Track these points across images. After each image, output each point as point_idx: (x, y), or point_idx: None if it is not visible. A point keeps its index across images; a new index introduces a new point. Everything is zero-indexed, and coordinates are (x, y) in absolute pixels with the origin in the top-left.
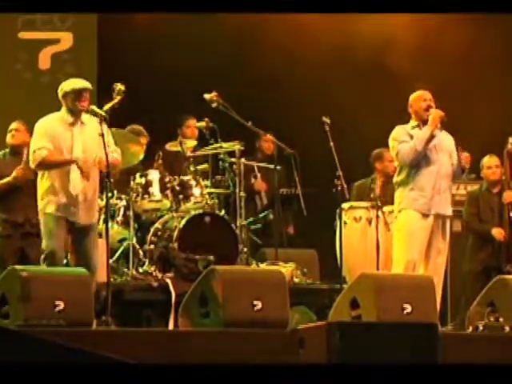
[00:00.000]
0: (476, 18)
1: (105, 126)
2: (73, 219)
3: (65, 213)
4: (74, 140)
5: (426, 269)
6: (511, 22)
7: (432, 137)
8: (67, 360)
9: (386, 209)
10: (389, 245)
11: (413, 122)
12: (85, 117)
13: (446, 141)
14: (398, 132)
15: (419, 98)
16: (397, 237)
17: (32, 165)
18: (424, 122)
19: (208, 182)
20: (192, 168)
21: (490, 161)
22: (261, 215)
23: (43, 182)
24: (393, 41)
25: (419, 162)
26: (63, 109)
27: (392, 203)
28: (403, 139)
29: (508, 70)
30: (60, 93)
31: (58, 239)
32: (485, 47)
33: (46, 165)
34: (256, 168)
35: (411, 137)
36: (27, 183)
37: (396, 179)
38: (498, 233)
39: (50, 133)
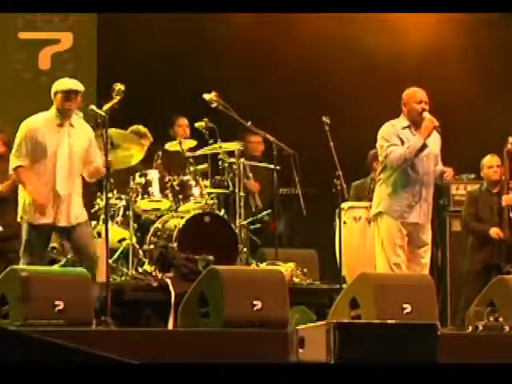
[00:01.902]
0: (477, 19)
1: (92, 134)
2: (58, 223)
3: (49, 218)
4: (60, 142)
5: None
6: (507, 22)
7: (424, 146)
8: (67, 360)
9: None
10: None
11: (404, 121)
12: (75, 119)
13: (433, 146)
14: (388, 131)
15: (413, 97)
16: (377, 242)
17: (10, 168)
18: (415, 124)
19: (207, 182)
20: (192, 168)
21: (491, 160)
22: (260, 215)
23: (27, 192)
24: (394, 41)
25: (405, 167)
26: (53, 108)
27: None
28: (394, 142)
29: (509, 69)
30: (52, 91)
31: (36, 252)
32: (485, 47)
33: (17, 177)
34: (248, 168)
35: (401, 139)
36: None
37: (379, 176)
38: (495, 233)
39: (34, 135)
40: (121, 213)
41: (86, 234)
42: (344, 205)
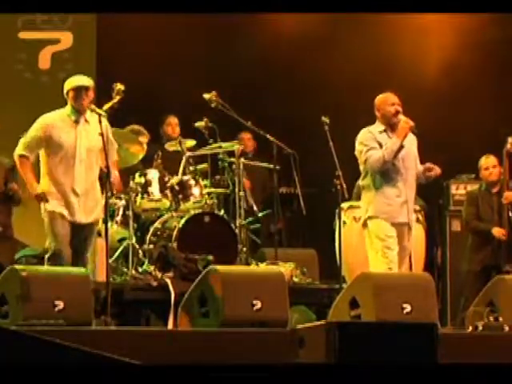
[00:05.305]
0: (475, 19)
1: (105, 122)
2: (74, 218)
3: (67, 212)
4: (77, 139)
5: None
6: (510, 22)
7: (401, 147)
8: (67, 360)
9: None
10: None
11: (379, 126)
12: (90, 115)
13: (410, 147)
14: (366, 137)
15: (386, 101)
16: (370, 246)
17: (14, 154)
18: (391, 127)
19: (207, 182)
20: (191, 168)
21: (486, 162)
22: (260, 214)
23: (45, 181)
24: (394, 41)
25: (386, 169)
26: (67, 106)
27: None
28: (372, 145)
29: (508, 69)
30: (64, 90)
31: (62, 238)
32: (484, 47)
33: (18, 164)
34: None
35: (379, 143)
36: None
37: (362, 182)
38: (498, 232)
39: (49, 131)
40: (121, 212)
41: (91, 238)
42: (344, 205)
